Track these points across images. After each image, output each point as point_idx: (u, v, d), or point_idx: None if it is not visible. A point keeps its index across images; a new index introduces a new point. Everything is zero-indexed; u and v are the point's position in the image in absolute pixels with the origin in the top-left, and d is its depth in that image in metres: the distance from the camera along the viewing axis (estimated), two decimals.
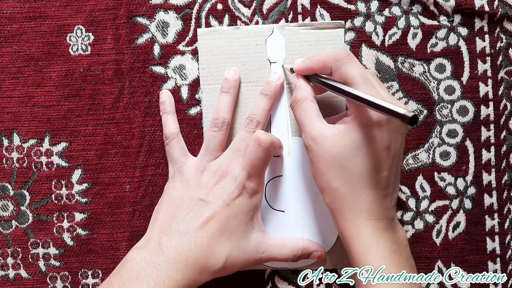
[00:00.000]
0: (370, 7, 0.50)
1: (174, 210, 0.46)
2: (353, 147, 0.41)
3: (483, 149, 0.50)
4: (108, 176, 0.50)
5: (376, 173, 0.42)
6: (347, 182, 0.42)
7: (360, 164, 0.41)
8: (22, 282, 0.51)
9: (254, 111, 0.48)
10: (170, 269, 0.42)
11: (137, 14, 0.50)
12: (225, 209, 0.44)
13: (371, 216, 0.42)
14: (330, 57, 0.43)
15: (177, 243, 0.43)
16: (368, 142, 0.41)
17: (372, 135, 0.41)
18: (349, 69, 0.42)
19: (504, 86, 0.50)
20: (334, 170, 0.42)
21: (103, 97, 0.50)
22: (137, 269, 0.43)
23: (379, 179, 0.42)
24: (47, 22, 0.50)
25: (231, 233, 0.44)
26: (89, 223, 0.51)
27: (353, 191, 0.41)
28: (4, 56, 0.50)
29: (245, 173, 0.45)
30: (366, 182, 0.41)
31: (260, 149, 0.45)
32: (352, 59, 0.43)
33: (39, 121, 0.50)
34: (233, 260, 0.44)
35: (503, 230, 0.50)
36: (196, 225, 0.44)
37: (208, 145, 0.47)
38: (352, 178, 0.41)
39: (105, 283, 0.44)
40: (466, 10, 0.49)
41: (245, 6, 0.50)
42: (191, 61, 0.50)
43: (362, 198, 0.41)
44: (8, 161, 0.50)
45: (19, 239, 0.51)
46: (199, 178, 0.46)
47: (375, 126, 0.41)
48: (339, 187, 0.42)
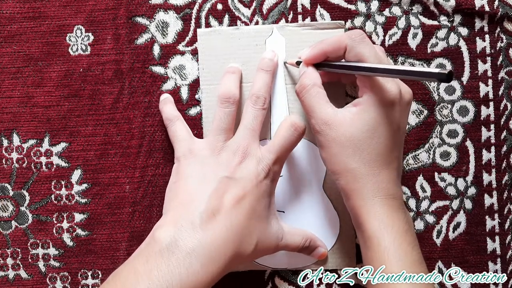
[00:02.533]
0: (370, 7, 0.50)
1: (196, 185, 0.43)
2: (368, 128, 0.41)
3: (484, 149, 0.50)
4: (107, 177, 0.50)
5: (390, 153, 0.42)
6: (364, 163, 0.42)
7: (375, 145, 0.41)
8: (21, 282, 0.51)
9: (258, 87, 0.47)
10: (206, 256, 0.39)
11: (137, 14, 0.50)
12: (254, 189, 0.43)
13: (388, 195, 0.42)
14: (345, 36, 0.43)
15: (212, 223, 0.40)
16: (382, 122, 0.41)
17: (385, 114, 0.41)
18: (363, 48, 0.42)
19: (505, 86, 0.50)
20: (350, 152, 0.42)
21: (103, 97, 0.50)
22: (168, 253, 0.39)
23: (393, 158, 0.42)
24: (46, 22, 0.50)
25: (259, 216, 0.43)
26: (89, 223, 0.50)
27: (371, 171, 0.42)
28: (4, 56, 0.50)
29: (273, 157, 0.45)
30: (382, 161, 0.42)
31: (295, 134, 0.45)
32: (366, 38, 0.43)
33: (38, 121, 0.50)
34: (261, 245, 0.43)
35: (503, 231, 0.50)
36: (229, 202, 0.42)
37: (220, 124, 0.46)
38: (369, 158, 0.42)
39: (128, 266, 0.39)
40: (467, 10, 0.49)
41: (245, 6, 0.50)
42: (191, 61, 0.50)
43: (379, 177, 0.42)
44: (7, 162, 0.50)
45: (18, 240, 0.51)
46: (217, 158, 0.45)
47: (388, 106, 0.41)
48: (357, 167, 0.42)
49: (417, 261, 0.41)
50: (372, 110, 0.41)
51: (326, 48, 0.44)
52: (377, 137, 0.42)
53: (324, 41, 0.45)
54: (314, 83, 0.44)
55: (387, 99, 0.41)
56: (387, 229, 0.41)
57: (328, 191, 0.49)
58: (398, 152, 0.43)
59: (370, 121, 0.41)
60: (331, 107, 0.43)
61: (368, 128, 0.41)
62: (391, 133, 0.42)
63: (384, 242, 0.41)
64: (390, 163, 0.42)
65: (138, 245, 0.50)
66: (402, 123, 0.43)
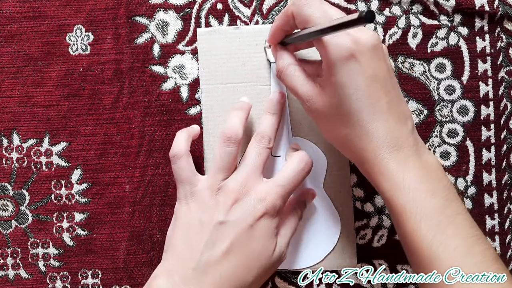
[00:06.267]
0: (370, 6, 0.50)
1: (193, 236, 0.43)
2: (339, 90, 0.39)
3: (484, 149, 0.50)
4: (107, 176, 0.50)
5: (376, 103, 0.39)
6: (352, 125, 0.40)
7: (354, 103, 0.39)
8: (21, 282, 0.51)
9: (264, 129, 0.46)
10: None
11: (137, 14, 0.50)
12: (248, 231, 0.42)
13: (391, 148, 0.39)
14: (290, 4, 0.42)
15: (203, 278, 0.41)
16: (349, 78, 0.39)
17: (350, 71, 0.39)
18: (307, 10, 0.40)
19: (505, 86, 0.50)
20: (336, 120, 0.40)
21: (103, 97, 0.50)
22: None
23: (382, 107, 0.39)
24: (46, 22, 0.50)
25: (255, 258, 0.42)
26: (89, 223, 0.50)
27: (362, 130, 0.40)
28: (4, 56, 0.50)
29: (281, 191, 0.43)
30: (369, 115, 0.39)
31: (306, 169, 0.45)
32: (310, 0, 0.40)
33: (38, 121, 0.50)
34: (257, 283, 0.43)
35: (503, 230, 0.50)
36: (219, 252, 0.41)
37: (220, 163, 0.44)
38: (355, 118, 0.39)
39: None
40: (467, 10, 0.49)
41: (245, 6, 0.50)
42: (191, 61, 0.50)
43: (374, 133, 0.39)
44: (7, 161, 0.50)
45: (18, 239, 0.51)
46: (215, 199, 0.43)
47: (347, 60, 0.39)
48: (349, 132, 0.40)
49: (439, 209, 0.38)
50: (334, 71, 0.39)
51: (278, 23, 0.43)
52: (352, 95, 0.39)
53: (276, 17, 0.44)
54: (288, 63, 0.43)
55: (343, 54, 0.39)
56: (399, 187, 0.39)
57: (328, 191, 0.49)
58: (387, 98, 0.40)
59: (337, 83, 0.39)
60: (309, 82, 0.42)
61: (339, 91, 0.39)
62: (366, 84, 0.39)
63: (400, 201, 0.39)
64: (380, 113, 0.39)
65: (138, 244, 0.50)
66: (379, 69, 0.40)
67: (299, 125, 0.49)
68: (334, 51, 0.39)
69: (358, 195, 0.50)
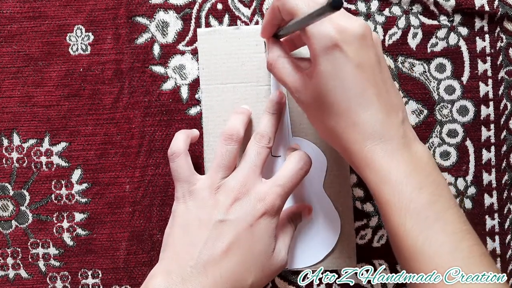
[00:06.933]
0: (370, 7, 0.50)
1: (191, 234, 0.43)
2: (324, 80, 0.38)
3: (483, 149, 0.50)
4: (108, 176, 0.50)
5: (363, 93, 0.38)
6: (339, 116, 0.39)
7: (340, 92, 0.38)
8: (22, 282, 0.51)
9: (264, 128, 0.46)
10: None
11: (137, 14, 0.50)
12: (248, 231, 0.42)
13: (377, 140, 0.38)
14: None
15: (202, 277, 0.41)
16: (334, 68, 0.38)
17: (335, 61, 0.38)
18: (291, 2, 0.39)
19: (504, 86, 0.50)
20: (324, 111, 0.39)
21: (103, 97, 0.50)
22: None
23: (369, 98, 0.38)
24: (47, 22, 0.50)
25: (258, 254, 0.42)
26: (89, 223, 0.50)
27: (349, 121, 0.39)
28: (4, 56, 0.50)
29: (280, 191, 0.43)
30: (356, 106, 0.38)
31: (305, 168, 0.44)
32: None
33: (39, 121, 0.50)
34: (257, 284, 0.42)
35: (503, 230, 0.50)
36: (219, 251, 0.41)
37: (221, 161, 0.44)
38: (341, 109, 0.39)
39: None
40: (466, 10, 0.49)
41: (245, 6, 0.50)
42: (191, 61, 0.50)
43: (361, 124, 0.38)
44: (8, 161, 0.50)
45: (19, 239, 0.51)
46: (215, 197, 0.43)
47: (331, 50, 0.38)
48: (335, 124, 0.39)
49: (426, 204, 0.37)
50: (318, 61, 0.38)
51: (268, 17, 0.43)
52: (337, 85, 0.38)
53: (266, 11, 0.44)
54: (278, 55, 0.43)
55: (327, 44, 0.38)
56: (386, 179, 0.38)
57: (328, 191, 0.49)
58: (375, 88, 0.39)
59: (321, 73, 0.38)
60: (297, 73, 0.41)
61: (326, 81, 0.38)
62: (352, 74, 0.38)
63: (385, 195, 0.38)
64: (368, 104, 0.38)
65: (138, 244, 0.50)
66: (366, 58, 0.39)
67: (299, 125, 0.49)
68: (318, 41, 0.38)
69: (358, 195, 0.50)
